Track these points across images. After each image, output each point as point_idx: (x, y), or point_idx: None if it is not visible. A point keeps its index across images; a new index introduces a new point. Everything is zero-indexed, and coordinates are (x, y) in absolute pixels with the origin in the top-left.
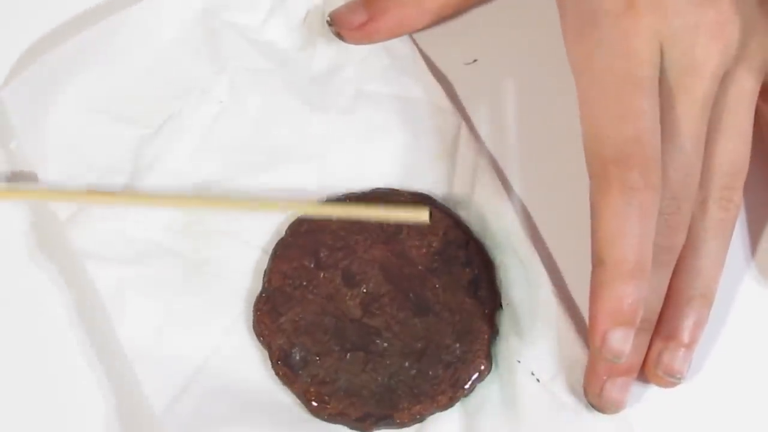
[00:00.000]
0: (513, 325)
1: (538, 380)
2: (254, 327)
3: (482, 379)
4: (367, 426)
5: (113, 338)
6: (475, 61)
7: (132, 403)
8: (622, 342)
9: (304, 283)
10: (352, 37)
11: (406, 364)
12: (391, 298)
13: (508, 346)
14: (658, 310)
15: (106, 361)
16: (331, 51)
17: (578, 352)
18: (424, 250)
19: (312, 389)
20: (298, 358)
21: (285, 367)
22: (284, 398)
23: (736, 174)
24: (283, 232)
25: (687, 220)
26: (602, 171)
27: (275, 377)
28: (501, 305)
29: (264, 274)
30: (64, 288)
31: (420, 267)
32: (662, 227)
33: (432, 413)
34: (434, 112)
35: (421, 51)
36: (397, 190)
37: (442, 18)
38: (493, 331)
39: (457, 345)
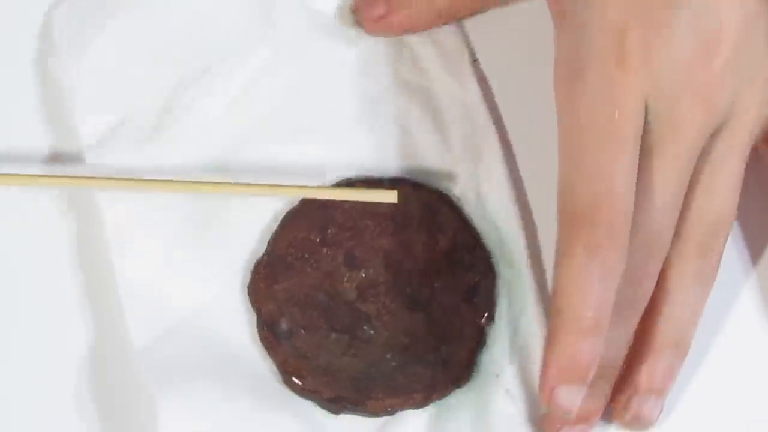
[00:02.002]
0: (500, 339)
1: (512, 398)
2: (248, 288)
3: (460, 386)
4: (337, 408)
5: (109, 271)
6: (475, 60)
7: (114, 337)
8: (570, 399)
9: (306, 256)
10: (370, 28)
11: (389, 355)
12: (388, 288)
13: (491, 358)
14: (621, 359)
15: (97, 291)
16: (376, 38)
17: None
18: (430, 248)
19: (291, 360)
20: (284, 327)
21: (270, 334)
22: (262, 365)
23: (720, 225)
24: (297, 201)
25: (654, 274)
26: (569, 224)
27: (258, 342)
28: (494, 317)
29: (269, 239)
30: (68, 213)
31: (423, 263)
32: (628, 280)
33: (403, 409)
34: (466, 112)
35: (470, 49)
36: (405, 180)
37: (456, 18)
38: (481, 341)
39: (443, 347)
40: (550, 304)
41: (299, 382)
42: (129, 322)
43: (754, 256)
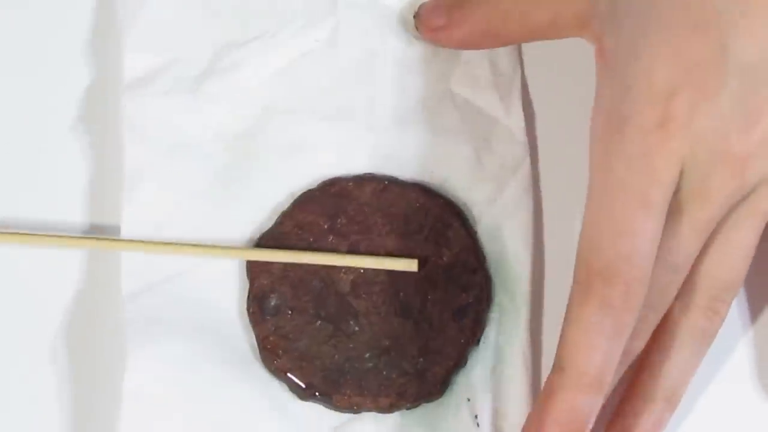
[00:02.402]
0: (481, 364)
1: (477, 425)
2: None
3: (429, 401)
4: (305, 394)
5: (115, 209)
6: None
7: (107, 278)
8: None
9: (311, 240)
10: (427, 36)
11: (367, 355)
12: (382, 289)
13: (468, 381)
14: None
15: (99, 230)
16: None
17: (525, 417)
18: (433, 259)
19: (272, 338)
20: (273, 303)
21: (257, 308)
22: (242, 337)
23: (729, 288)
24: (315, 185)
25: (651, 329)
26: (586, 279)
27: (245, 313)
28: (479, 341)
29: (279, 215)
30: (88, 149)
31: (422, 273)
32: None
33: (368, 410)
34: (506, 137)
35: (523, 76)
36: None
37: (511, 43)
38: (460, 362)
39: (421, 359)
40: (555, 357)
41: (274, 361)
42: (123, 268)
43: (753, 315)
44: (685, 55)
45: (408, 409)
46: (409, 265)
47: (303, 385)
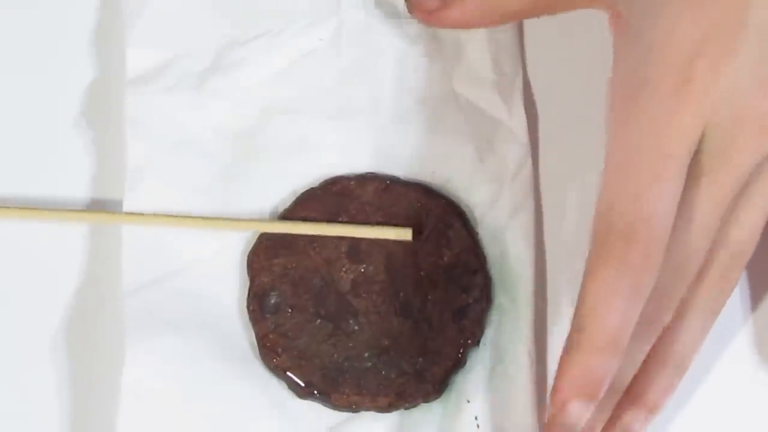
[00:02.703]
0: (481, 365)
1: (478, 426)
2: (248, 255)
3: (428, 401)
4: (304, 393)
5: (117, 206)
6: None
7: (107, 273)
8: (579, 414)
9: (312, 238)
10: (422, 20)
11: (366, 354)
12: (383, 288)
13: (466, 381)
14: (630, 378)
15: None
16: (440, 39)
17: (527, 421)
18: (433, 259)
19: (271, 336)
20: (273, 301)
21: (257, 306)
22: (242, 335)
23: (742, 257)
24: (317, 183)
25: (678, 298)
26: (605, 240)
27: (245, 311)
28: (479, 343)
29: (281, 213)
30: (91, 146)
31: (422, 273)
32: (654, 302)
33: (367, 409)
34: (508, 138)
35: (525, 76)
36: (424, 186)
37: (509, 21)
38: (459, 363)
39: (420, 359)
40: (573, 318)
41: (273, 359)
42: (123, 262)
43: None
44: (705, 15)
45: (407, 409)
46: (403, 234)
47: (302, 384)
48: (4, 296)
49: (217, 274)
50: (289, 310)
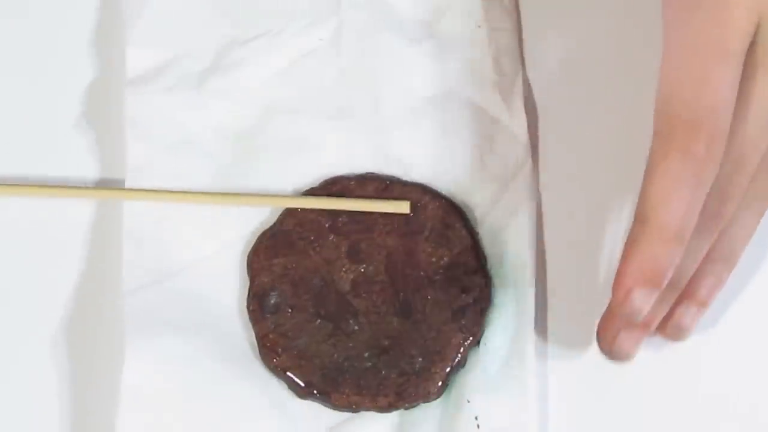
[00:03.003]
0: (481, 365)
1: (478, 426)
2: (249, 255)
3: (428, 401)
4: (304, 393)
5: (117, 207)
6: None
7: (108, 272)
8: (643, 301)
9: (312, 238)
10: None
11: (366, 354)
12: (382, 288)
13: (466, 381)
14: (689, 275)
15: (100, 225)
16: (440, 39)
17: (526, 418)
18: (433, 259)
19: (271, 336)
20: (273, 302)
21: (257, 305)
22: (242, 335)
23: None
24: (317, 183)
25: (741, 193)
26: (668, 131)
27: (244, 311)
28: (478, 342)
29: (281, 213)
30: (92, 145)
31: (422, 273)
32: (716, 195)
33: (367, 409)
34: (508, 138)
35: (525, 76)
36: (424, 187)
37: None
38: (459, 362)
39: (420, 359)
40: (636, 211)
41: (273, 359)
42: (124, 263)
43: None
44: None
45: (407, 409)
46: (401, 207)
47: (302, 384)
48: (4, 296)
49: (217, 274)
50: (289, 310)
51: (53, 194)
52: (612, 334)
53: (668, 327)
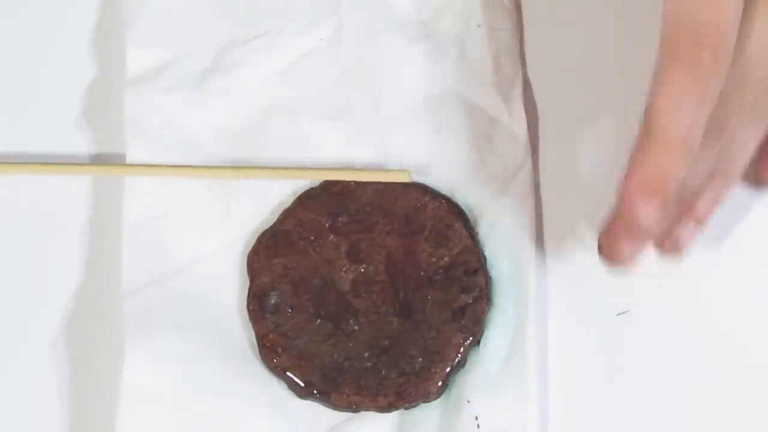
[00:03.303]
0: (481, 365)
1: (478, 426)
2: (249, 255)
3: (428, 401)
4: (304, 393)
5: (117, 206)
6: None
7: (108, 271)
8: (647, 212)
9: (312, 238)
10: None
11: (366, 354)
12: (382, 288)
13: (466, 381)
14: (695, 187)
15: (100, 226)
16: (440, 39)
17: (526, 418)
18: (433, 259)
19: (271, 336)
20: (273, 301)
21: (257, 305)
22: (242, 334)
23: None
24: (317, 183)
25: (744, 111)
26: (674, 46)
27: (244, 311)
28: (478, 342)
29: (281, 213)
30: (92, 145)
31: (422, 273)
32: (719, 112)
33: (367, 409)
34: (508, 138)
35: (525, 76)
36: (424, 187)
37: None
38: (459, 362)
39: (420, 359)
40: (641, 124)
41: (273, 359)
42: (124, 263)
43: None
44: None
45: (407, 409)
46: (401, 176)
47: (302, 384)
48: (4, 296)
49: (217, 274)
50: (289, 310)
51: (51, 171)
52: (612, 244)
53: (666, 242)
